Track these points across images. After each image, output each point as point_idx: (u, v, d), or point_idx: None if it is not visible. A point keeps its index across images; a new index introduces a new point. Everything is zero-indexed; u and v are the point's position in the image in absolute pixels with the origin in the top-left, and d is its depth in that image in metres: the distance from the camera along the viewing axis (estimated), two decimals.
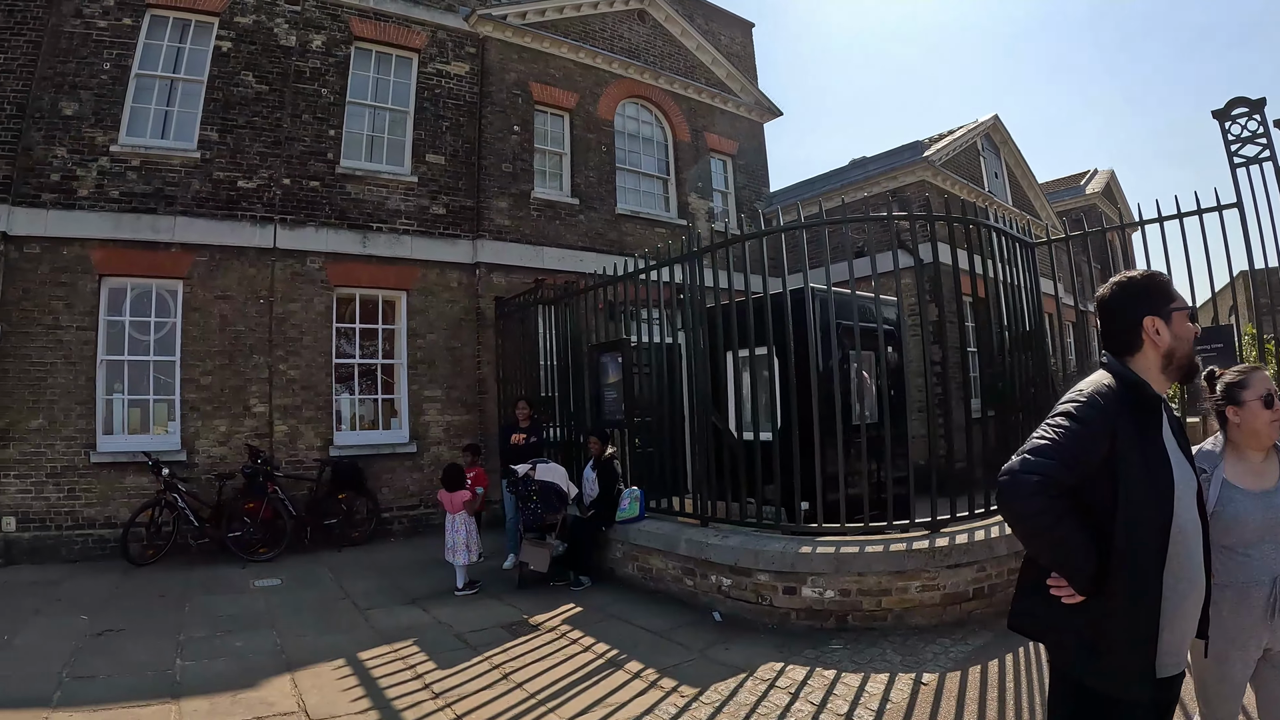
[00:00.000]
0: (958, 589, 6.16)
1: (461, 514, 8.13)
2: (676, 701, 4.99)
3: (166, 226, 10.85)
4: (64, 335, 10.37)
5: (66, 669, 5.99)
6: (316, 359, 11.41)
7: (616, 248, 12.84)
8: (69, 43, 10.77)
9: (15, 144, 10.47)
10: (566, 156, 12.73)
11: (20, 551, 9.79)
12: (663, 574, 7.60)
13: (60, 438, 10.18)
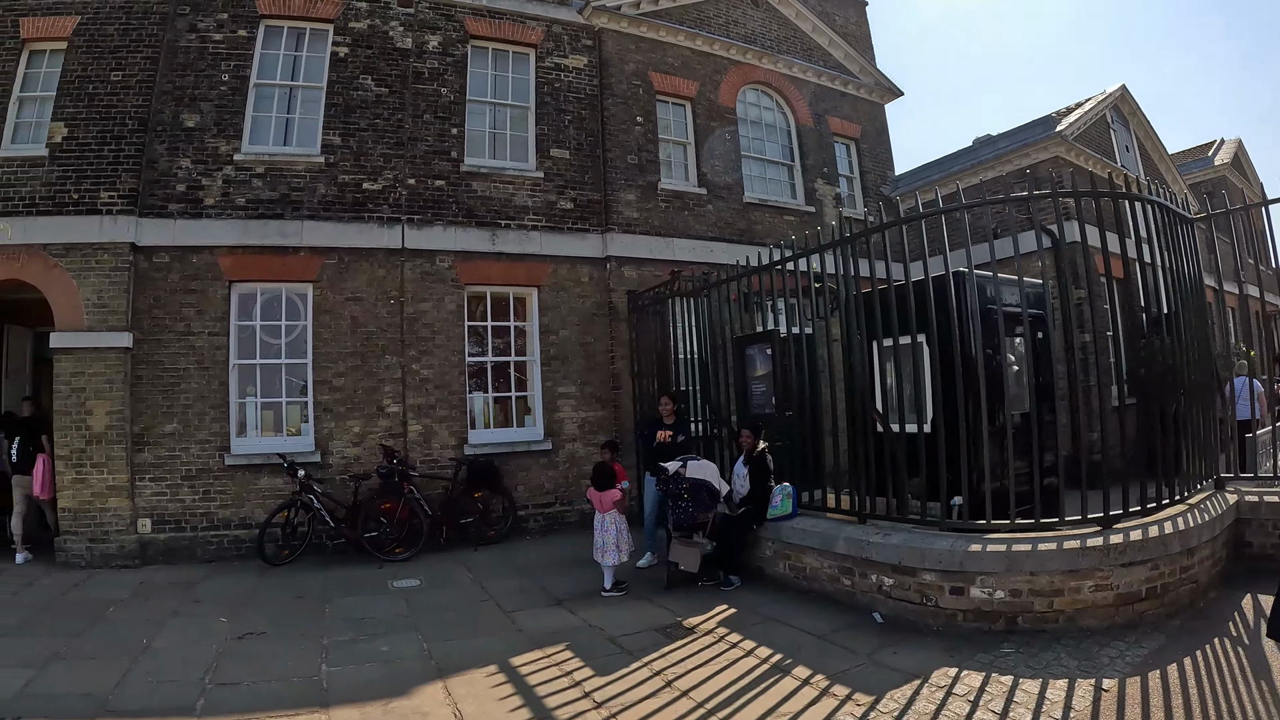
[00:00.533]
0: (1130, 589, 5.78)
1: (612, 513, 7.78)
2: (853, 710, 4.72)
3: (294, 231, 10.59)
4: (196, 341, 10.26)
5: (209, 675, 5.82)
6: (449, 358, 10.93)
7: (746, 237, 12.21)
8: (186, 57, 10.79)
9: (140, 157, 10.44)
10: (691, 146, 12.23)
11: (156, 552, 9.86)
12: (817, 573, 7.23)
13: (195, 441, 10.10)
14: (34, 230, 10.43)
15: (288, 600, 8.09)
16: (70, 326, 10.27)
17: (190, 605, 7.96)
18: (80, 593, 8.66)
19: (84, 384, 10.11)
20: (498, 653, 6.11)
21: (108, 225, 10.38)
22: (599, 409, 11.45)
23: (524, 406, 11.56)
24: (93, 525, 9.95)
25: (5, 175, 10.68)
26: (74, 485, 10.01)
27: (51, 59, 11.09)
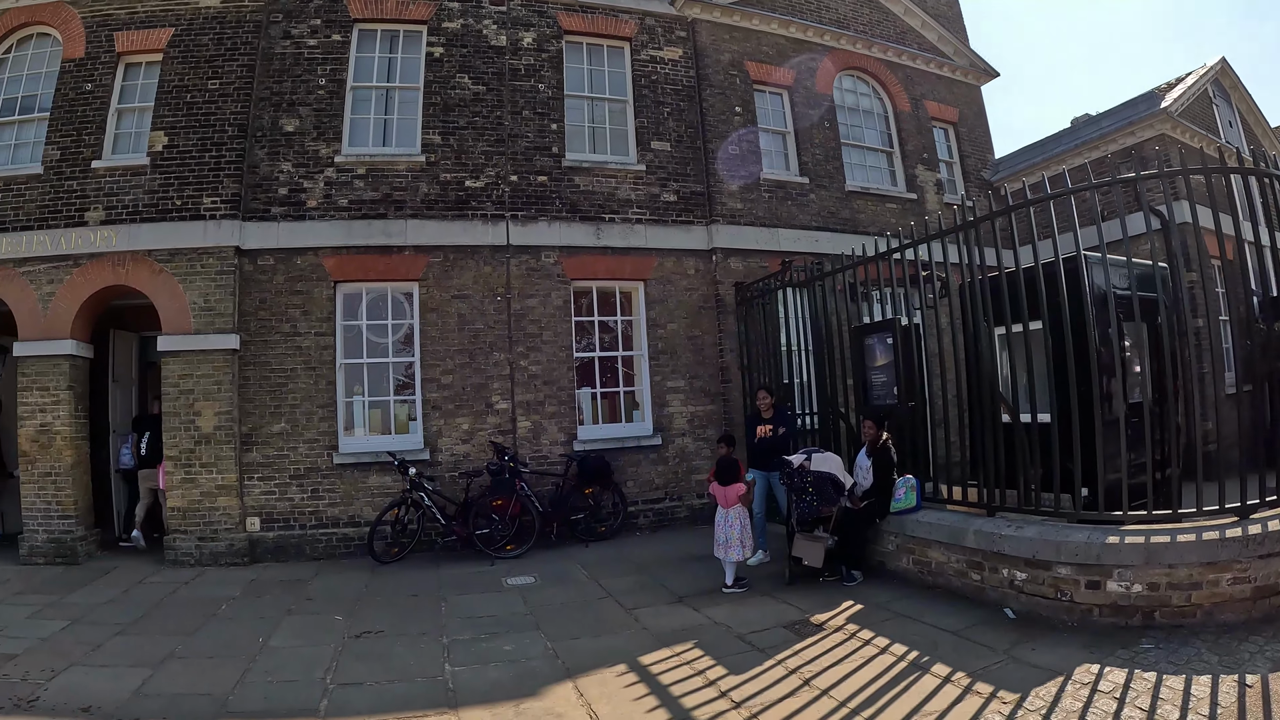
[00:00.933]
0: (1268, 581, 5.49)
1: (736, 508, 7.55)
2: (1000, 709, 4.57)
3: (398, 230, 10.40)
4: (302, 341, 10.15)
5: (330, 675, 5.77)
6: (557, 353, 10.66)
7: (850, 226, 11.86)
8: (282, 63, 10.72)
9: (240, 162, 10.36)
10: (790, 135, 11.93)
11: (264, 550, 9.92)
12: (943, 568, 7.00)
13: (303, 440, 10.04)
14: (139, 237, 10.33)
15: (402, 598, 7.97)
16: (177, 330, 10.17)
17: (303, 603, 7.91)
18: (191, 590, 8.69)
19: (192, 386, 10.06)
20: (625, 651, 5.95)
21: (211, 230, 10.25)
22: (708, 403, 11.09)
23: (631, 402, 11.24)
24: (202, 524, 9.92)
25: (108, 184, 10.60)
26: (183, 485, 9.98)
27: (148, 71, 11.07)
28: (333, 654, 6.19)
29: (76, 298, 10.43)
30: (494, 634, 6.54)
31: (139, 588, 8.92)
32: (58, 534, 10.22)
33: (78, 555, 10.16)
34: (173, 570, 9.69)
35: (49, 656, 6.46)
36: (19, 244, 10.61)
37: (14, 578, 9.60)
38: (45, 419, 10.33)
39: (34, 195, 10.75)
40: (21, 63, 11.51)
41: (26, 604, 8.37)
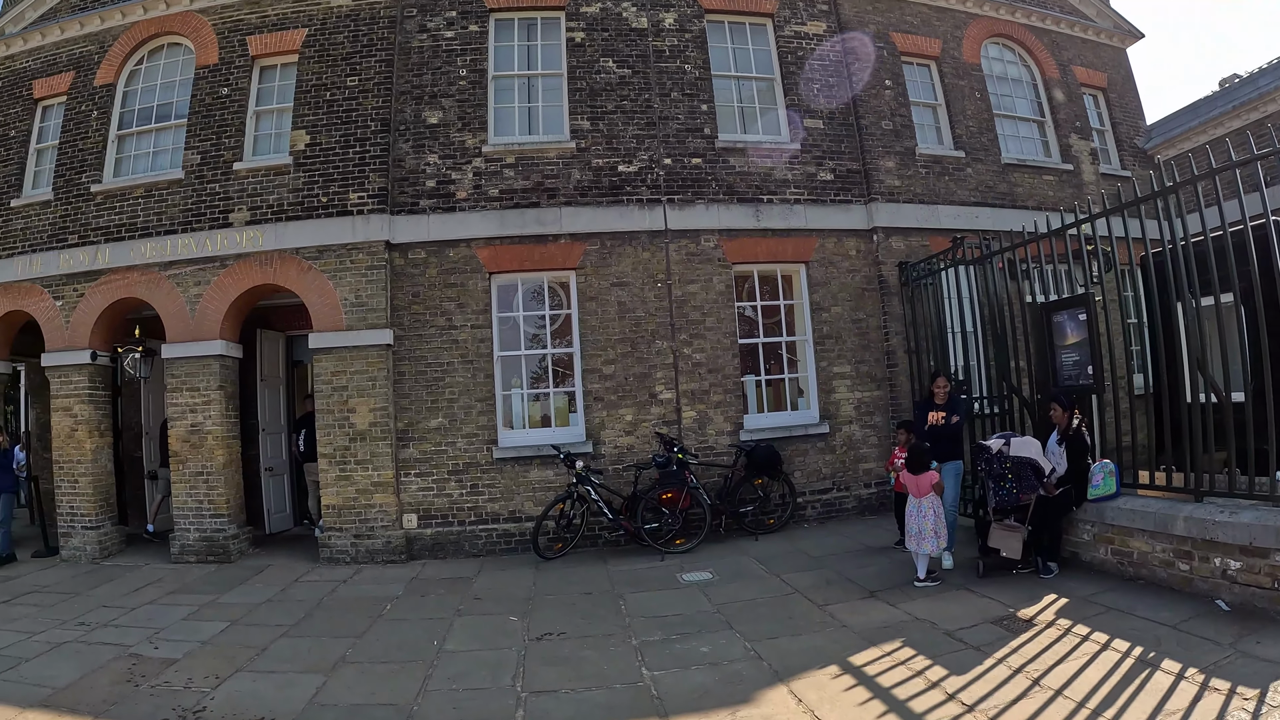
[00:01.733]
0: None
1: (929, 497, 7.10)
2: (1243, 705, 4.23)
3: (552, 219, 9.90)
4: (459, 335, 9.74)
5: (518, 681, 5.47)
6: (721, 340, 10.06)
7: (1008, 200, 11.18)
8: (420, 56, 10.35)
9: (385, 157, 9.96)
10: (941, 107, 11.31)
11: (422, 548, 9.61)
12: (1146, 558, 6.52)
13: (461, 435, 9.70)
14: (285, 236, 9.93)
15: (575, 596, 7.62)
16: (329, 327, 9.75)
17: (472, 603, 7.59)
18: (351, 589, 8.45)
19: (345, 382, 9.67)
20: (831, 651, 5.56)
21: (360, 225, 9.83)
22: (874, 388, 10.40)
23: (795, 389, 10.58)
24: (357, 521, 9.57)
25: (251, 185, 10.24)
26: (338, 482, 9.61)
27: (283, 72, 10.78)
28: (516, 658, 5.84)
29: (224, 298, 10.05)
30: (685, 634, 6.14)
31: (296, 586, 8.68)
32: (209, 532, 9.97)
33: (230, 553, 9.91)
34: (328, 568, 9.38)
35: (212, 661, 6.26)
36: (164, 248, 10.29)
37: (167, 576, 9.43)
38: (196, 419, 10.00)
39: (176, 200, 10.43)
40: (154, 72, 11.30)
41: (182, 604, 8.21)
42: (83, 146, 11.08)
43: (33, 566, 10.31)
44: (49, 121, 11.73)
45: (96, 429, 10.61)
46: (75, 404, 10.54)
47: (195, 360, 10.07)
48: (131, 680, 5.99)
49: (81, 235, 10.79)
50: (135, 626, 7.56)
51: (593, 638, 6.26)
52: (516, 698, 5.12)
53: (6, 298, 11.11)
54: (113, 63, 11.23)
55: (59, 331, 10.71)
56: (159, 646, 6.84)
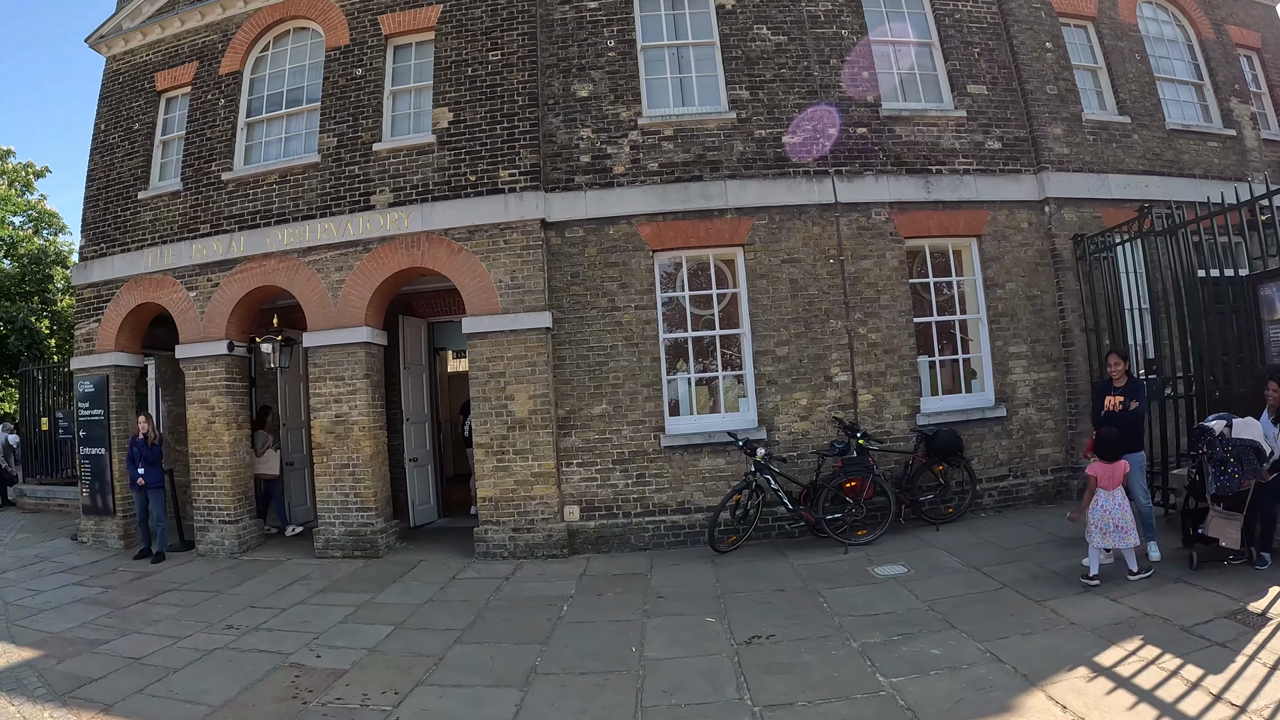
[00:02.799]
0: None
1: (1121, 488, 6.38)
2: None
3: (717, 192, 8.96)
4: (622, 316, 8.84)
5: (745, 693, 4.79)
6: (896, 319, 9.07)
7: (1175, 168, 10.13)
8: (564, 28, 9.53)
9: (535, 132, 9.14)
10: (1102, 70, 10.28)
11: (584, 541, 8.73)
12: None
13: (627, 423, 8.82)
14: (433, 217, 9.04)
15: (767, 593, 6.82)
16: (483, 310, 8.88)
17: (656, 602, 6.83)
18: (516, 588, 7.68)
19: (502, 368, 8.80)
20: (1071, 651, 4.96)
21: (513, 203, 8.91)
22: (1049, 369, 9.34)
23: (968, 370, 9.52)
24: (516, 514, 8.69)
25: (393, 166, 9.37)
26: (495, 474, 8.74)
27: (419, 51, 10.00)
28: (731, 666, 5.18)
29: (369, 283, 9.16)
30: (906, 635, 5.47)
31: (455, 585, 7.89)
32: (356, 526, 9.15)
33: (378, 548, 9.08)
34: (484, 564, 8.55)
35: (385, 673, 5.63)
36: (302, 233, 9.41)
37: (313, 573, 8.71)
38: (341, 409, 9.18)
39: (313, 184, 9.57)
40: (281, 58, 10.54)
41: (336, 604, 7.51)
42: (211, 135, 10.27)
43: (169, 562, 9.60)
44: (173, 113, 10.97)
45: (234, 421, 9.76)
46: (212, 396, 9.69)
47: (339, 348, 9.17)
48: (298, 696, 5.27)
49: (214, 224, 9.94)
50: (290, 630, 6.84)
51: (807, 640, 5.53)
52: (750, 713, 4.46)
53: (137, 290, 10.28)
54: (238, 50, 10.41)
55: (193, 323, 9.85)
56: (321, 655, 6.11)
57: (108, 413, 10.45)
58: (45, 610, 7.90)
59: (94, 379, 10.60)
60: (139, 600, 8.15)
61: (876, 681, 4.73)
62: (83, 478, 10.67)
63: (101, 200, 11.01)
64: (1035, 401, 9.28)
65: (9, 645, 6.85)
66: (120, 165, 10.95)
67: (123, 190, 10.84)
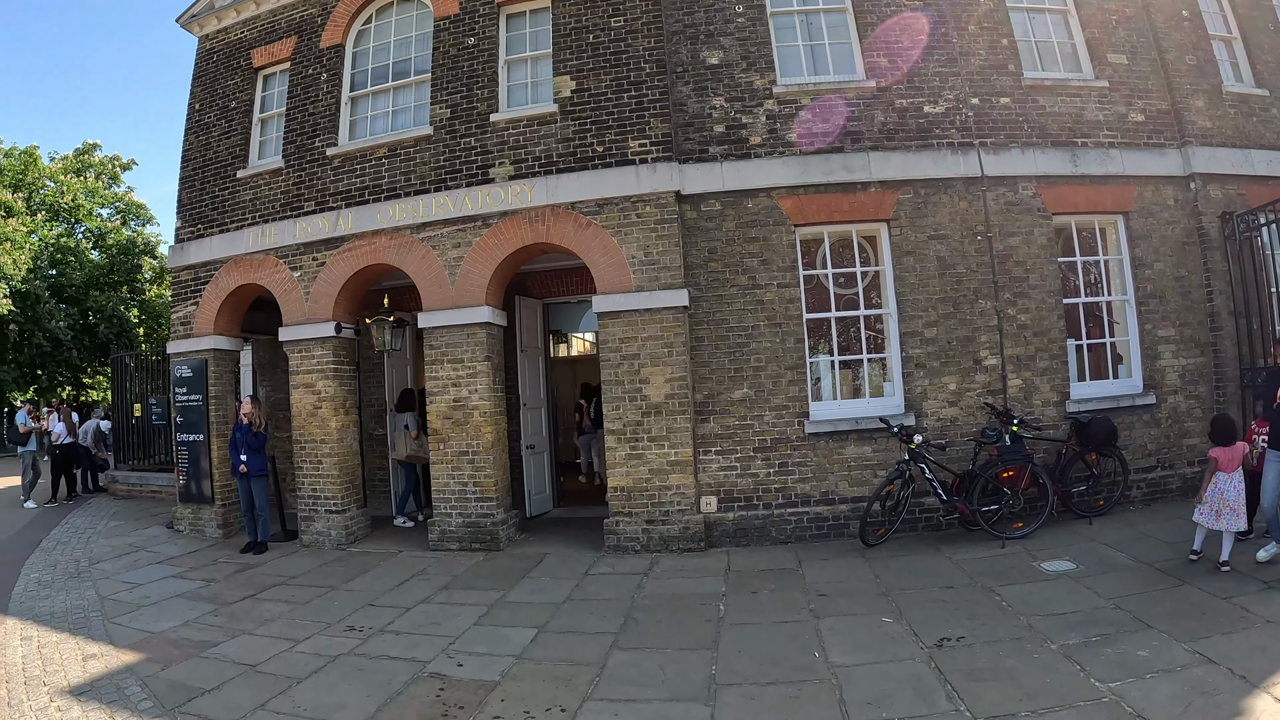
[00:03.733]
0: None
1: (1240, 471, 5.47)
2: None
3: (860, 164, 7.44)
4: (764, 295, 7.33)
5: (958, 703, 3.80)
6: (1044, 299, 7.57)
7: None
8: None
9: (664, 100, 7.63)
10: (1237, 41, 8.78)
11: (721, 534, 7.27)
12: None
13: (769, 408, 7.35)
14: (558, 189, 7.49)
15: (936, 590, 5.63)
16: (615, 288, 7.38)
17: (818, 600, 5.61)
18: (659, 585, 6.35)
19: (636, 350, 7.28)
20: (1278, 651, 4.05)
21: (645, 175, 7.39)
22: (1197, 355, 7.89)
23: (1114, 354, 8.03)
24: (650, 505, 7.18)
25: (512, 137, 7.82)
26: (628, 462, 7.23)
27: (534, 18, 8.49)
28: (931, 672, 4.19)
29: (489, 260, 7.64)
30: (1104, 636, 4.47)
31: (590, 581, 6.58)
32: (475, 517, 7.66)
33: (498, 541, 7.60)
34: (615, 557, 7.15)
35: (542, 685, 4.48)
36: (415, 209, 7.88)
37: (430, 567, 7.29)
38: (460, 393, 7.65)
39: (426, 157, 8.03)
40: (386, 30, 8.98)
41: (464, 603, 6.24)
42: (314, 111, 8.74)
43: (272, 553, 8.16)
44: (271, 90, 9.42)
45: (341, 406, 8.25)
46: (318, 380, 8.17)
47: (458, 329, 7.67)
48: (448, 714, 4.14)
49: (319, 201, 8.41)
50: (420, 633, 5.54)
51: (1001, 643, 4.52)
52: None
53: (237, 271, 8.75)
54: (339, 23, 8.88)
55: (298, 304, 8.33)
56: (463, 663, 4.92)
57: (206, 398, 8.97)
58: (144, 606, 6.58)
59: (192, 363, 9.11)
60: (245, 595, 6.77)
61: (1094, 687, 3.82)
62: (179, 464, 9.22)
63: (197, 181, 9.48)
64: (1184, 389, 7.80)
65: (107, 647, 5.55)
66: (217, 144, 9.41)
67: (220, 170, 9.31)
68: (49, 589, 7.38)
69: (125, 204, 21.86)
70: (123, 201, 21.84)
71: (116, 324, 19.37)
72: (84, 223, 21.03)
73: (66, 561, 8.25)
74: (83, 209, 20.74)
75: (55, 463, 12.04)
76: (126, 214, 21.91)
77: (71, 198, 20.56)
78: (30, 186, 20.58)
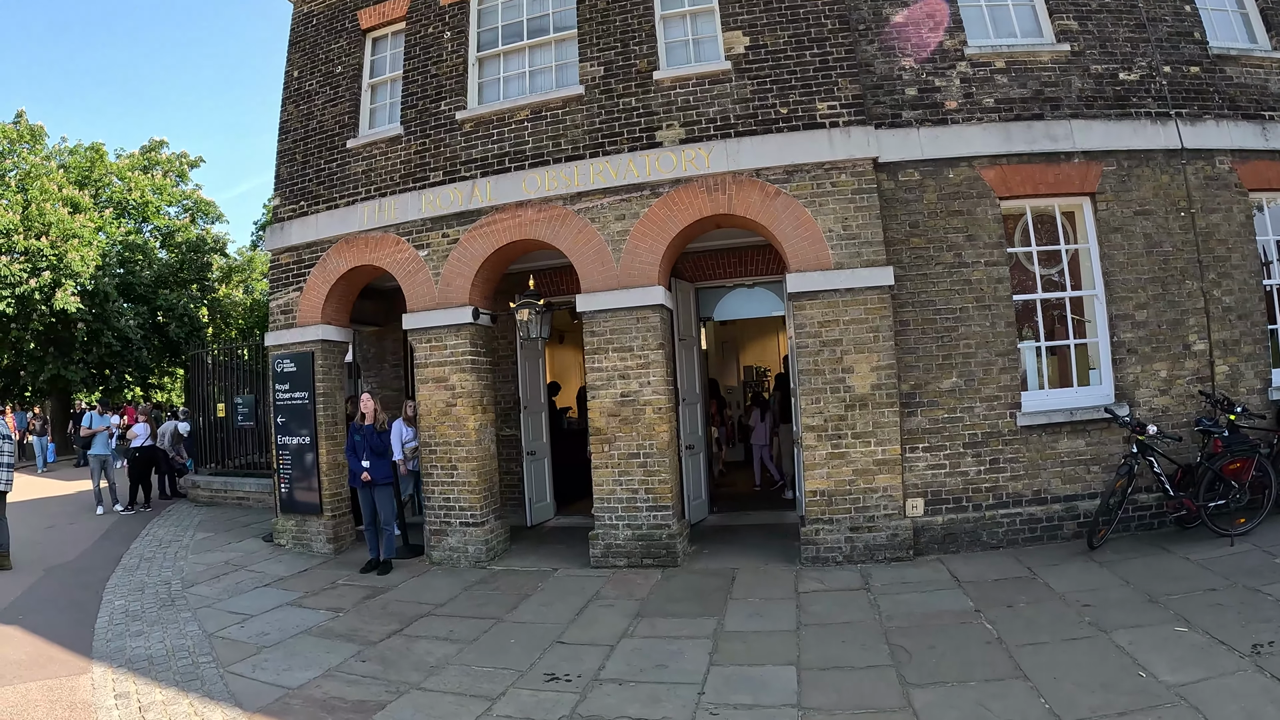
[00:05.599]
0: None
1: None
2: None
3: (1062, 133, 5.33)
4: (970, 274, 5.16)
5: None
6: (1246, 281, 5.59)
7: None
8: None
9: (851, 59, 5.43)
10: None
11: (929, 540, 5.15)
12: None
13: (979, 399, 5.22)
14: (740, 154, 5.15)
15: (1199, 594, 3.88)
16: (811, 265, 5.11)
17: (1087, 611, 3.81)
18: (893, 603, 4.33)
19: (838, 334, 5.08)
20: None
21: (838, 140, 5.12)
22: None
23: None
24: (853, 510, 5.00)
25: (680, 97, 5.45)
26: (829, 461, 5.03)
27: None
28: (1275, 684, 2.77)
29: (662, 234, 5.26)
30: None
31: (810, 601, 4.44)
32: (647, 529, 5.34)
33: (675, 555, 5.31)
34: (817, 570, 4.98)
35: None
36: (568, 177, 5.43)
37: (604, 589, 4.98)
38: (629, 386, 5.29)
39: (578, 119, 5.58)
40: None
41: (677, 636, 4.12)
42: (437, 73, 6.17)
43: (399, 573, 5.67)
44: (382, 53, 6.78)
45: (479, 403, 5.80)
46: (453, 374, 5.69)
47: (625, 313, 5.31)
48: None
49: (448, 171, 5.89)
50: (650, 681, 3.51)
51: None
52: None
53: (349, 252, 6.16)
54: None
55: (425, 287, 5.81)
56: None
57: (313, 395, 6.39)
58: (266, 647, 4.24)
59: (295, 356, 6.50)
60: (391, 631, 4.44)
61: None
62: (279, 470, 6.61)
63: (298, 154, 6.80)
64: None
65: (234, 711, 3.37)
66: (321, 113, 6.75)
67: (325, 141, 6.67)
68: (140, 622, 4.84)
69: (194, 201, 18.39)
70: (191, 199, 18.37)
71: (188, 323, 16.07)
72: (152, 220, 17.55)
73: (155, 584, 5.68)
74: (151, 206, 17.27)
75: (133, 467, 9.09)
76: (195, 212, 18.45)
77: (139, 194, 17.06)
78: (97, 183, 17.03)
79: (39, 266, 13.96)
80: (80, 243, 14.64)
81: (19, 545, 6.50)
